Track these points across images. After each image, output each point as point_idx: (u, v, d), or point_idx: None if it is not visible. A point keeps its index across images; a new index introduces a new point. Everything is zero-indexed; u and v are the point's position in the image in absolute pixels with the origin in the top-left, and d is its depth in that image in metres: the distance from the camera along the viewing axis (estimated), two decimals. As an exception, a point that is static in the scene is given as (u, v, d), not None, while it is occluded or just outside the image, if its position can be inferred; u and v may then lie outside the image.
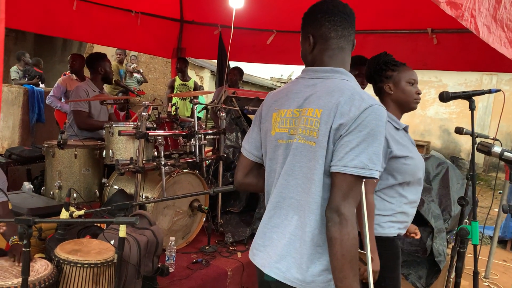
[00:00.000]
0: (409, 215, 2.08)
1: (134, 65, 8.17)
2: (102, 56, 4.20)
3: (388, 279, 2.00)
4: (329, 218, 1.33)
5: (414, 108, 2.08)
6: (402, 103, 2.08)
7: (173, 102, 6.43)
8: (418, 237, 2.30)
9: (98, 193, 3.52)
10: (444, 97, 2.13)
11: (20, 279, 1.72)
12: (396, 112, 2.09)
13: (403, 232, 2.11)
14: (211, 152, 4.29)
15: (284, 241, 1.46)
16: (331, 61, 1.47)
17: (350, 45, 1.50)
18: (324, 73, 1.47)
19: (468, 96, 2.10)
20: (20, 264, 1.95)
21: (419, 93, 2.05)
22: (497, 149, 1.82)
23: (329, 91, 1.40)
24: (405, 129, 2.11)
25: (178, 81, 6.65)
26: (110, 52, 9.37)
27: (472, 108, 2.10)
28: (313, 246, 1.40)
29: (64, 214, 2.09)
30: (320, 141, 1.37)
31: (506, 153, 1.78)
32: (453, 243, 3.59)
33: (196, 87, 6.92)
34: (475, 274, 2.12)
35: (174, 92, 6.53)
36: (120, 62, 7.84)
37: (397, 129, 2.05)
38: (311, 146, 1.40)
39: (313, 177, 1.39)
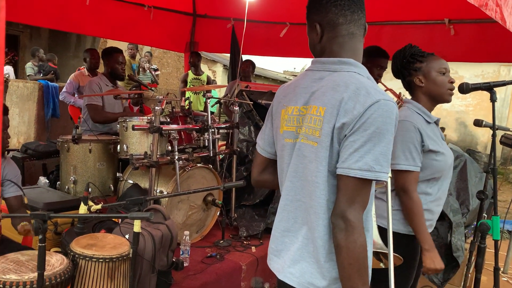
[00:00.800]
0: (434, 213, 2.01)
1: (148, 64, 8.13)
2: (110, 51, 4.20)
3: (398, 276, 1.96)
4: (335, 224, 1.25)
5: (448, 100, 1.98)
6: (435, 95, 1.98)
7: (186, 96, 6.43)
8: None
9: (112, 188, 3.54)
10: (464, 88, 2.07)
11: (36, 274, 1.72)
12: (428, 105, 2.00)
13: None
14: (224, 146, 4.28)
15: (297, 245, 1.39)
16: (341, 50, 1.36)
17: (362, 30, 1.38)
18: (332, 64, 1.36)
19: (489, 87, 2.03)
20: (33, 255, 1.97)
21: (452, 82, 1.94)
22: (522, 141, 1.76)
23: (333, 86, 1.29)
24: (436, 122, 2.04)
25: (191, 75, 6.64)
26: (124, 47, 9.40)
27: (493, 99, 2.02)
28: (327, 253, 1.32)
29: (82, 208, 2.10)
30: (323, 141, 1.28)
31: (531, 146, 1.72)
32: (471, 238, 3.53)
33: (209, 81, 6.90)
34: (496, 270, 2.07)
35: (187, 86, 6.53)
36: (132, 56, 7.84)
37: (429, 122, 1.98)
38: (312, 147, 1.31)
39: (316, 180, 1.30)
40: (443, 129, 12.12)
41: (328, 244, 1.31)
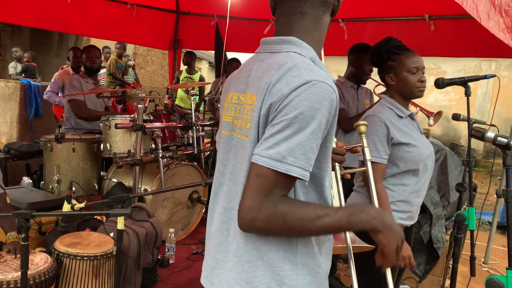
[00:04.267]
0: (412, 204, 2.05)
1: (132, 62, 8.08)
2: (84, 48, 4.32)
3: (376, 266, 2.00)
4: (245, 230, 1.06)
5: (419, 96, 2.02)
6: (405, 93, 2.03)
7: (178, 95, 6.45)
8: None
9: (97, 186, 3.54)
10: (440, 83, 2.12)
11: (19, 273, 1.73)
12: (401, 101, 2.05)
13: (406, 223, 2.08)
14: (209, 144, 4.30)
15: (229, 265, 1.15)
16: (287, 31, 1.16)
17: (319, 9, 1.16)
18: (274, 45, 1.17)
19: (463, 82, 2.09)
20: (19, 257, 1.97)
21: (422, 80, 1.98)
22: (490, 134, 1.80)
23: (267, 69, 1.10)
24: (411, 116, 2.08)
25: (184, 73, 6.63)
26: (103, 45, 9.31)
27: (467, 94, 2.09)
28: (252, 265, 1.11)
29: (66, 207, 2.10)
30: (251, 134, 1.10)
31: (499, 138, 1.77)
32: (451, 230, 3.61)
33: (202, 81, 6.87)
34: (472, 259, 2.13)
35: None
36: (119, 56, 7.78)
37: (401, 117, 2.03)
38: (244, 141, 1.12)
39: (241, 180, 1.10)
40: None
41: (266, 256, 1.10)
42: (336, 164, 1.31)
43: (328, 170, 1.15)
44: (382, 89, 3.82)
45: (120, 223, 1.91)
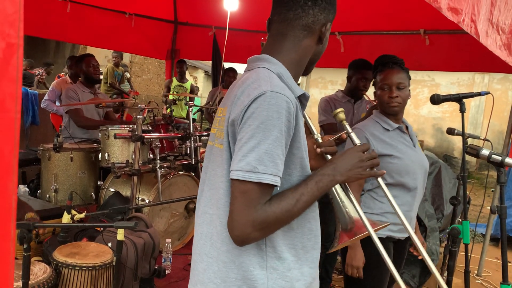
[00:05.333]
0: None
1: (128, 75, 8.13)
2: (82, 57, 4.26)
3: (368, 276, 2.03)
4: (242, 244, 1.11)
5: (391, 112, 2.07)
6: (381, 108, 2.12)
7: (168, 104, 6.45)
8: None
9: (94, 196, 3.54)
10: (435, 99, 2.17)
11: (20, 283, 1.74)
12: (387, 115, 2.11)
13: (397, 235, 2.11)
14: (206, 154, 4.31)
15: (202, 265, 1.23)
16: (269, 50, 1.25)
17: (300, 32, 1.22)
18: (253, 63, 1.25)
19: (458, 98, 2.14)
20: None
21: (391, 96, 2.03)
22: (485, 152, 1.85)
23: (239, 85, 1.19)
24: (400, 129, 2.13)
25: (175, 82, 6.67)
26: (104, 54, 9.35)
27: (462, 110, 2.14)
28: (237, 270, 1.17)
29: (66, 217, 2.12)
30: (224, 143, 1.18)
31: (493, 156, 1.82)
32: (445, 242, 3.65)
33: (193, 89, 6.92)
34: (467, 272, 2.16)
35: (171, 93, 6.57)
36: (116, 64, 7.82)
37: (387, 130, 2.09)
38: (220, 150, 1.20)
39: (221, 186, 1.18)
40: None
41: (238, 260, 1.16)
42: (329, 157, 1.35)
43: (303, 175, 1.21)
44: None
45: (120, 234, 1.92)
